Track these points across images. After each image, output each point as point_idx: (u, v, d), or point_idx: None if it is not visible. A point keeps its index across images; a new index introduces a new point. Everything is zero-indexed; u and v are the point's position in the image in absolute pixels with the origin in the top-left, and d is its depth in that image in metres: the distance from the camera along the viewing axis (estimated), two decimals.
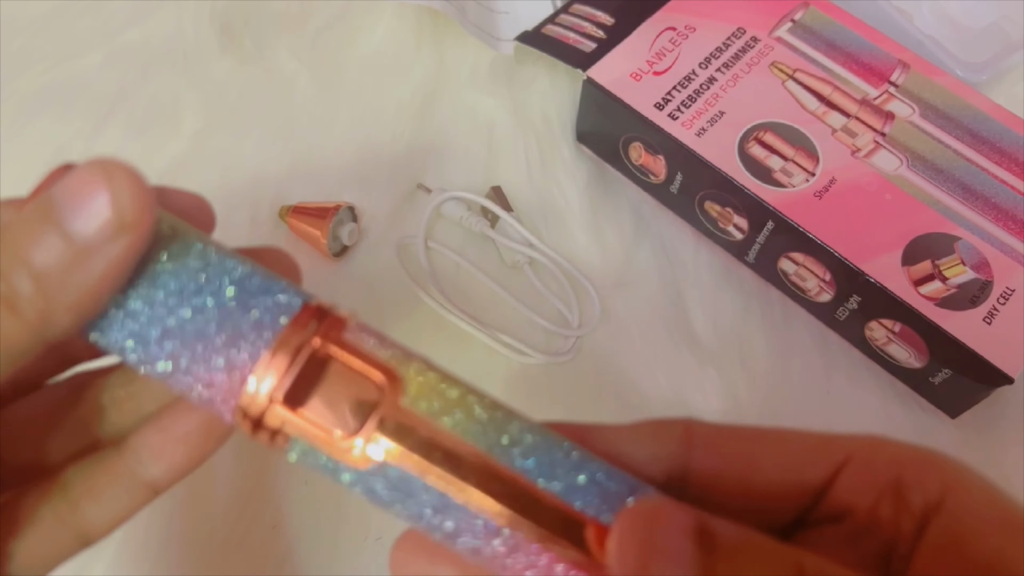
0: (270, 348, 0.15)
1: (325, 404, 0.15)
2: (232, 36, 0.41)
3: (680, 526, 0.14)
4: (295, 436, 0.16)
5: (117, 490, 0.19)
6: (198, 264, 0.16)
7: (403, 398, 0.15)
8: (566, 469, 0.15)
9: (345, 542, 0.31)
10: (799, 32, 0.37)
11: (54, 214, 0.14)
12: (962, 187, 0.33)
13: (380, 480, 0.15)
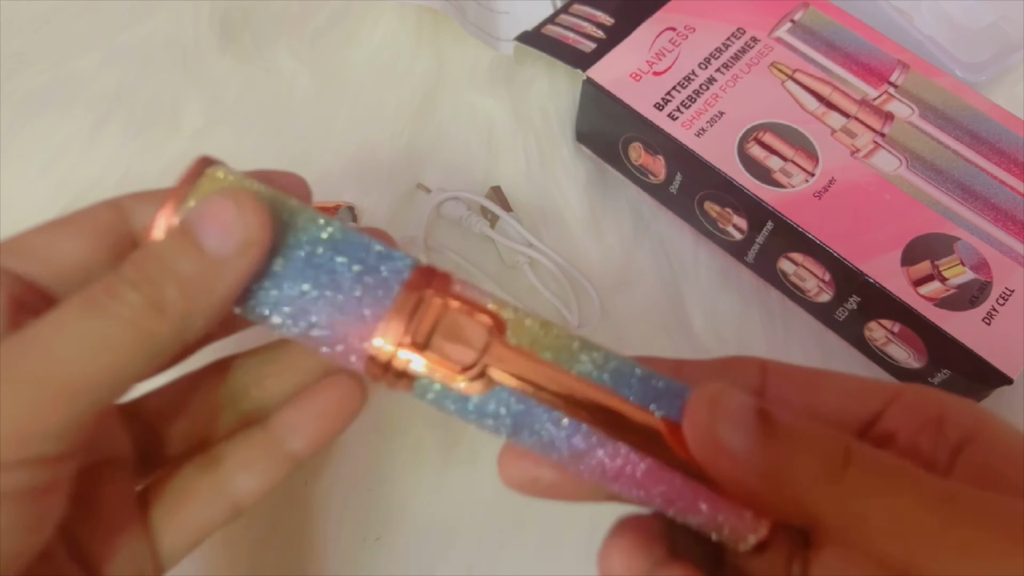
0: (394, 302, 0.18)
1: (444, 345, 0.18)
2: (232, 35, 0.41)
3: (744, 403, 0.17)
4: (421, 374, 0.18)
5: (265, 462, 0.21)
6: (325, 237, 0.19)
7: (507, 335, 0.19)
8: (642, 382, 0.19)
9: (345, 542, 0.31)
10: (799, 32, 0.37)
11: (194, 234, 0.17)
12: (961, 187, 0.33)
13: (493, 403, 0.18)
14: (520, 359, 0.18)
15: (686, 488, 0.18)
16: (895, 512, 0.15)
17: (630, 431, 0.18)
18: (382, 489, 0.31)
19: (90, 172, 0.37)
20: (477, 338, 0.18)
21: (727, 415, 0.16)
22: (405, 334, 0.18)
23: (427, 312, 0.18)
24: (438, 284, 0.19)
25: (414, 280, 0.19)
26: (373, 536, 0.31)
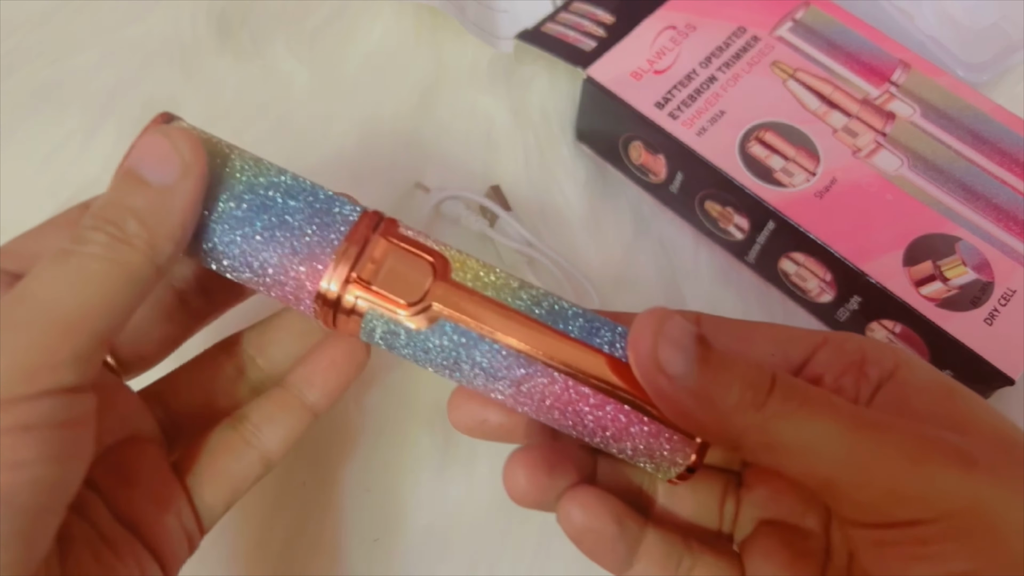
0: (341, 243, 0.19)
1: (391, 282, 0.19)
2: (230, 33, 0.41)
3: (685, 327, 0.18)
4: (368, 310, 0.19)
5: (287, 415, 0.23)
6: (275, 183, 0.20)
7: (452, 274, 0.20)
8: (584, 320, 0.20)
9: (344, 544, 0.30)
10: (800, 31, 0.36)
11: (137, 172, 0.18)
12: (963, 187, 0.33)
13: (438, 336, 0.19)
14: (462, 295, 0.19)
15: (620, 412, 0.19)
16: (811, 433, 0.17)
17: (567, 360, 0.19)
18: (381, 490, 0.31)
19: (88, 170, 0.37)
20: (421, 276, 0.20)
21: (669, 338, 0.18)
22: (351, 272, 0.19)
23: (373, 252, 0.20)
24: (385, 228, 0.20)
25: (361, 224, 0.20)
26: (372, 537, 0.31)
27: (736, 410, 0.17)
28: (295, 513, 0.31)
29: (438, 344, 0.19)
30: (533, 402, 0.20)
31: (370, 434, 0.32)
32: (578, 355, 0.19)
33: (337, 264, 0.19)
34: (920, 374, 0.19)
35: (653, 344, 0.18)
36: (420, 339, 0.19)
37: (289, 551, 0.30)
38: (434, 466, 0.32)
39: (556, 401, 0.20)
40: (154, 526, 0.21)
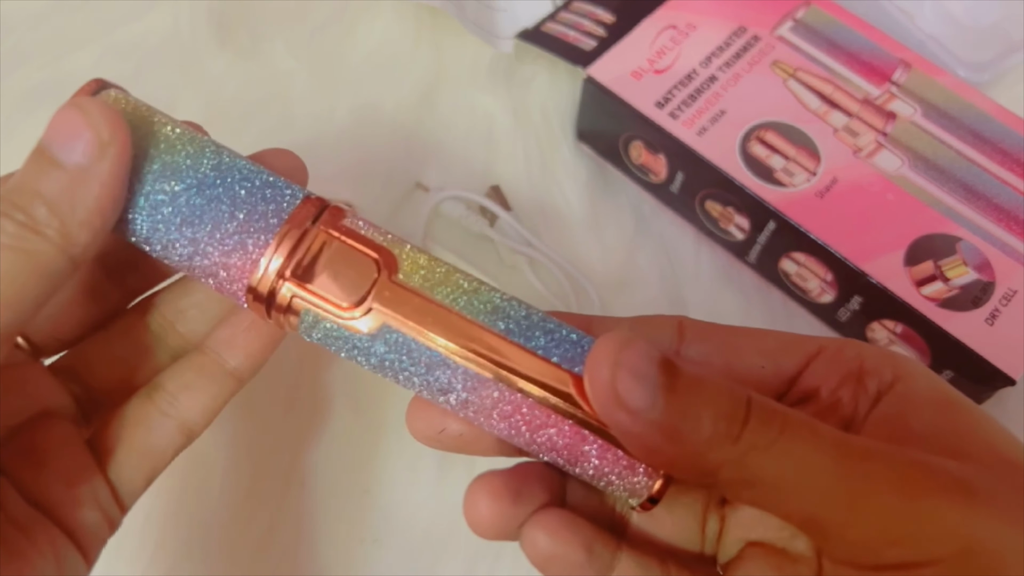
0: (277, 233, 0.18)
1: (330, 280, 0.18)
2: (229, 33, 0.40)
3: (647, 353, 0.16)
4: (304, 309, 0.18)
5: (207, 382, 0.22)
6: (212, 164, 0.18)
7: (398, 273, 0.18)
8: (544, 332, 0.18)
9: (343, 544, 0.30)
10: (801, 31, 0.36)
11: (49, 153, 0.17)
12: (964, 187, 0.33)
13: (381, 343, 0.18)
14: (409, 297, 0.18)
15: (578, 438, 0.17)
16: (793, 467, 0.15)
17: (520, 374, 0.17)
18: (380, 491, 0.31)
19: None
20: (364, 274, 0.18)
21: (628, 369, 0.16)
22: (284, 266, 0.18)
23: (312, 245, 0.18)
24: (328, 217, 0.18)
25: (301, 212, 0.18)
26: (371, 538, 0.30)
27: (709, 444, 0.15)
28: (295, 513, 0.31)
29: (380, 351, 0.18)
30: (483, 418, 0.18)
31: (369, 434, 0.32)
32: (533, 369, 0.17)
33: (271, 256, 0.18)
34: (920, 385, 0.18)
35: (611, 375, 0.16)
36: (360, 344, 0.18)
37: (289, 551, 0.30)
38: (434, 466, 0.32)
39: (507, 419, 0.18)
40: (68, 507, 0.19)
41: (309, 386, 0.33)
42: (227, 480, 0.31)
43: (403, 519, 0.31)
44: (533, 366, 0.17)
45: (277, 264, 0.18)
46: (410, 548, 0.30)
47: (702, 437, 0.15)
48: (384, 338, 0.18)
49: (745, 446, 0.15)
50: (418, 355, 0.18)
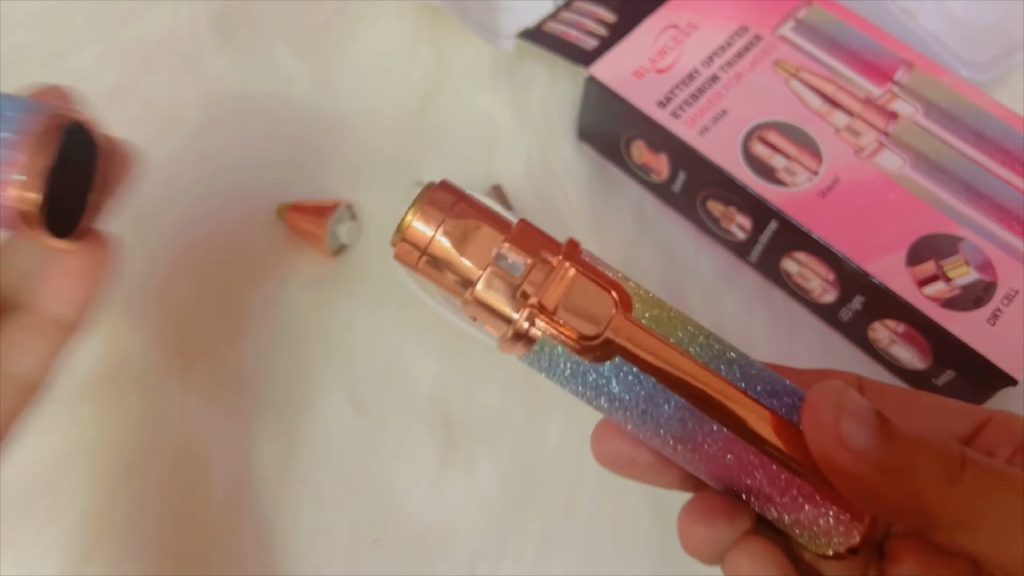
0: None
1: (574, 312, 0.18)
2: (229, 32, 0.40)
3: (864, 403, 0.17)
4: (544, 336, 0.18)
5: (34, 336, 0.21)
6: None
7: (633, 311, 0.19)
8: (762, 380, 0.19)
9: (343, 544, 0.30)
10: (802, 30, 0.36)
11: None
12: (966, 187, 0.33)
13: (612, 375, 0.18)
14: (642, 335, 0.18)
15: (791, 484, 0.18)
16: (1012, 514, 0.16)
17: (743, 423, 0.18)
18: (381, 491, 0.31)
19: None
20: (604, 308, 0.18)
21: (849, 412, 0.17)
22: (532, 300, 0.18)
23: (561, 277, 0.19)
24: (568, 250, 0.19)
25: (545, 242, 0.19)
26: (371, 538, 0.30)
27: (928, 485, 0.16)
28: (295, 513, 0.30)
29: (610, 385, 0.18)
30: (692, 457, 0.19)
31: (370, 434, 0.32)
32: (757, 419, 0.18)
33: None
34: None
35: (834, 418, 0.17)
36: (591, 375, 0.18)
37: (288, 552, 0.30)
38: (435, 466, 0.31)
39: (719, 461, 0.18)
40: None
41: (308, 386, 0.33)
42: (226, 480, 0.31)
43: (403, 519, 0.31)
44: (754, 410, 0.18)
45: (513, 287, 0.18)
46: (410, 548, 0.30)
47: (922, 479, 0.16)
48: (616, 372, 0.18)
49: (963, 489, 0.16)
50: (648, 394, 0.18)
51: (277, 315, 0.34)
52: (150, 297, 0.34)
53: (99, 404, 0.32)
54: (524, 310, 0.18)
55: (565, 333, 0.18)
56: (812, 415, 0.17)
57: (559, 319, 0.18)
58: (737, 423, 0.18)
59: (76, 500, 0.30)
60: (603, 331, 0.18)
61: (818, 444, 0.17)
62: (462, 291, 0.19)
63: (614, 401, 0.18)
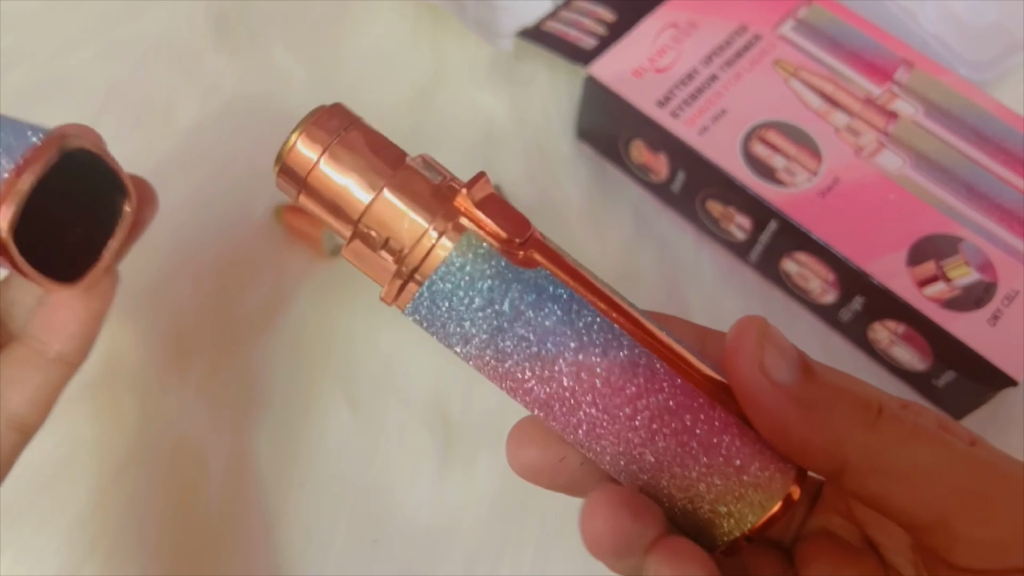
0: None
1: (496, 214, 0.17)
2: (227, 31, 0.40)
3: (787, 341, 0.17)
4: (470, 230, 0.16)
5: (32, 373, 0.21)
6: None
7: (539, 235, 0.17)
8: (672, 336, 0.17)
9: (343, 545, 0.30)
10: (802, 30, 0.36)
11: None
12: (966, 187, 0.32)
13: (532, 285, 0.16)
14: (556, 256, 0.17)
15: (712, 416, 0.17)
16: (928, 459, 0.16)
17: (667, 347, 0.17)
18: (379, 491, 0.31)
19: None
20: (521, 221, 0.17)
21: (774, 343, 0.16)
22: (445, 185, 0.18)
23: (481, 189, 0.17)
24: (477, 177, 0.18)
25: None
26: (371, 538, 0.30)
27: (845, 427, 0.16)
28: (293, 514, 0.30)
29: (530, 299, 0.16)
30: (620, 411, 0.17)
31: (369, 434, 0.32)
32: (672, 349, 0.17)
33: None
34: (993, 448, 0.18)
35: (758, 346, 0.16)
36: (513, 287, 0.16)
37: (288, 552, 0.30)
38: (434, 466, 0.31)
39: (642, 395, 0.16)
40: None
41: (307, 387, 0.33)
42: (225, 480, 0.31)
43: (402, 519, 0.31)
44: (672, 346, 0.17)
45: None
46: (409, 549, 0.30)
47: (840, 420, 0.16)
48: (537, 281, 0.16)
49: (880, 435, 0.16)
50: (571, 311, 0.16)
51: (275, 316, 0.34)
52: (147, 298, 0.34)
53: (97, 405, 0.32)
54: (444, 208, 0.16)
55: (491, 234, 0.16)
56: (736, 342, 0.17)
57: (485, 218, 0.16)
58: (660, 346, 0.17)
59: (74, 500, 0.30)
60: (526, 240, 0.17)
61: (739, 372, 0.16)
62: (352, 218, 0.17)
63: (518, 334, 0.16)
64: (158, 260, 0.35)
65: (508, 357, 0.17)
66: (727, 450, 0.17)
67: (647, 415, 0.17)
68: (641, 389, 0.17)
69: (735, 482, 0.17)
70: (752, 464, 0.17)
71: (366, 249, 0.17)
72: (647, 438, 0.17)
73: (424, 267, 0.16)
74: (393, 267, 0.17)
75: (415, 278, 0.16)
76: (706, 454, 0.17)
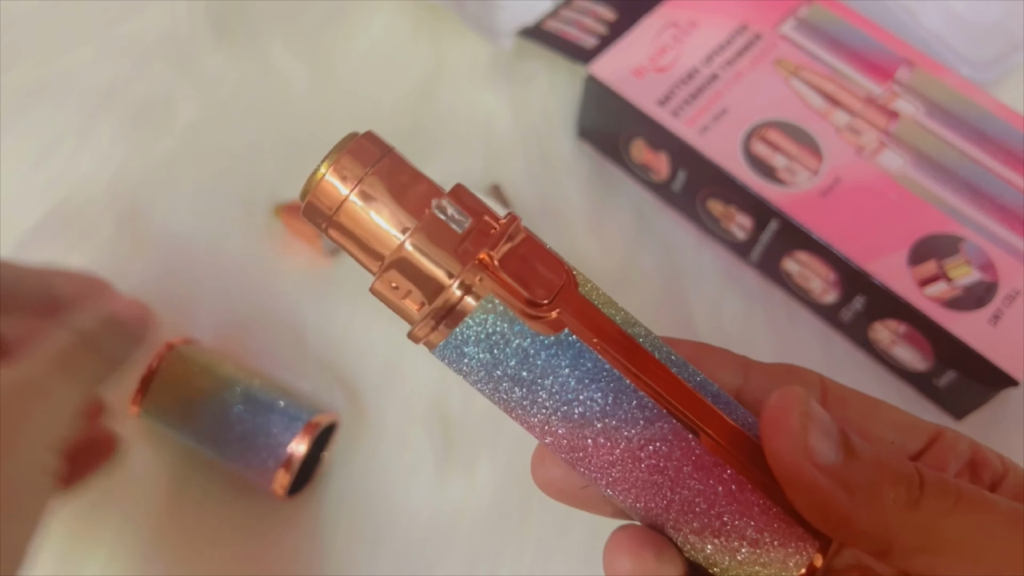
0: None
1: (520, 274, 0.16)
2: (226, 30, 0.40)
3: (828, 417, 0.16)
4: (488, 297, 0.16)
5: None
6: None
7: (579, 287, 0.16)
8: (709, 387, 0.17)
9: (343, 545, 0.30)
10: (803, 29, 0.36)
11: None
12: (967, 187, 0.32)
13: (560, 351, 0.16)
14: (592, 313, 0.16)
15: (751, 494, 0.16)
16: (976, 531, 0.15)
17: (694, 422, 0.16)
18: (380, 492, 0.31)
19: (82, 168, 0.36)
20: (552, 274, 0.16)
21: (817, 424, 0.16)
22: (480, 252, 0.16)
23: (513, 235, 0.16)
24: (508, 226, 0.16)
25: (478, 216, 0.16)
26: (371, 538, 0.30)
27: (891, 507, 0.16)
28: (294, 513, 0.30)
29: (553, 363, 0.16)
30: (639, 469, 0.16)
31: (369, 434, 0.32)
32: (706, 416, 0.16)
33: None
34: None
35: (802, 427, 0.16)
36: (534, 349, 0.16)
37: (288, 552, 0.30)
38: (434, 466, 0.31)
39: (670, 470, 0.16)
40: None
41: (307, 386, 0.33)
42: (224, 480, 0.31)
43: (403, 519, 0.31)
44: (700, 406, 0.16)
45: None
46: (410, 548, 0.30)
47: (885, 500, 0.16)
48: (564, 348, 0.16)
49: (924, 513, 0.16)
50: (593, 379, 0.16)
51: (274, 315, 0.34)
52: (145, 297, 0.34)
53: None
54: (467, 266, 0.15)
55: (514, 295, 0.16)
56: (775, 421, 0.16)
57: (507, 279, 0.16)
58: (688, 420, 0.16)
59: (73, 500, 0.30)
60: (555, 296, 0.16)
61: (780, 453, 0.16)
62: (382, 254, 0.16)
63: (539, 392, 0.16)
64: (157, 259, 0.35)
65: (531, 415, 0.16)
66: (754, 526, 0.16)
67: (669, 487, 0.16)
68: (665, 462, 0.16)
69: (757, 552, 0.16)
70: (777, 538, 0.16)
71: (390, 291, 0.16)
72: (669, 507, 0.17)
73: (447, 321, 0.16)
74: (418, 315, 0.16)
75: (439, 328, 0.16)
76: (731, 527, 0.16)
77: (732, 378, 0.18)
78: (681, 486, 0.16)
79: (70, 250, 0.34)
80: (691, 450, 0.16)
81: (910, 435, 0.19)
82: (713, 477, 0.16)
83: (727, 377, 0.18)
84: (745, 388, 0.18)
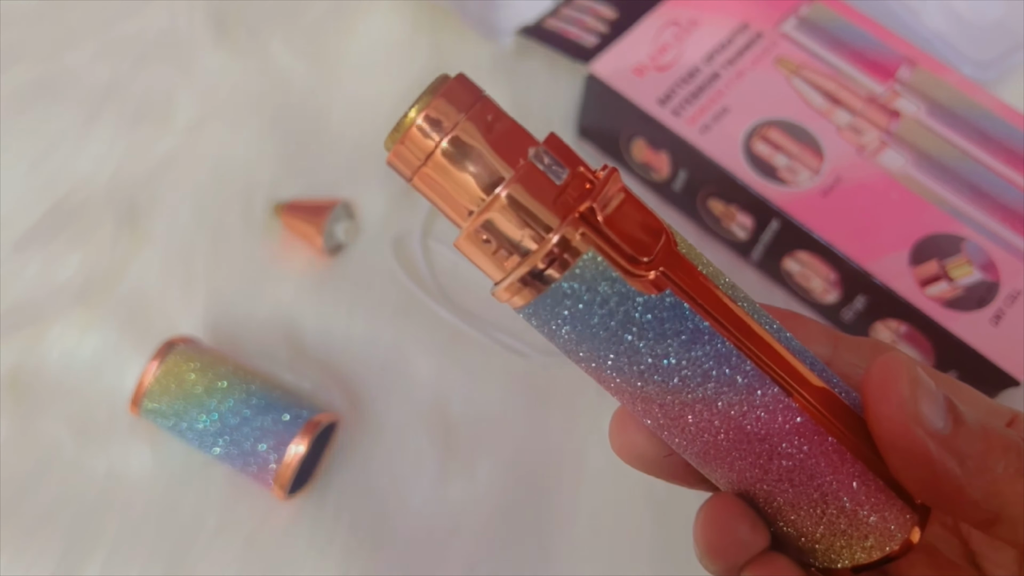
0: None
1: (622, 231, 0.15)
2: (226, 29, 0.40)
3: (935, 385, 0.15)
4: (590, 252, 0.14)
5: None
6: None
7: (678, 246, 0.15)
8: (804, 352, 0.16)
9: (344, 545, 0.30)
10: (805, 28, 0.36)
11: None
12: (969, 186, 0.32)
13: (659, 310, 0.15)
14: (692, 273, 0.15)
15: (842, 463, 0.15)
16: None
17: (794, 385, 0.15)
18: (380, 492, 0.31)
19: (82, 167, 0.36)
20: (652, 233, 0.15)
21: (926, 391, 0.15)
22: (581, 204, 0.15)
23: (609, 192, 0.15)
24: (612, 172, 0.16)
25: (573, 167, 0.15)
26: (371, 538, 0.30)
27: (1001, 478, 0.15)
28: (294, 513, 0.30)
29: (652, 325, 0.14)
30: (739, 437, 0.15)
31: (369, 434, 0.32)
32: (806, 379, 0.15)
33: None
34: None
35: (912, 392, 0.15)
36: (636, 310, 0.14)
37: (288, 552, 0.30)
38: (434, 466, 0.31)
39: (772, 438, 0.15)
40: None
41: (307, 386, 0.33)
42: (224, 480, 0.31)
43: (403, 519, 0.31)
44: (807, 375, 0.15)
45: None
46: (410, 548, 0.30)
47: (995, 470, 0.15)
48: (662, 307, 0.15)
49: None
50: (696, 339, 0.15)
51: (274, 315, 0.34)
52: (145, 296, 0.34)
53: None
54: (567, 219, 0.14)
55: (617, 251, 0.14)
56: (883, 386, 0.15)
57: (611, 234, 0.14)
58: (790, 387, 0.15)
59: (74, 499, 0.30)
60: (656, 255, 0.15)
61: (888, 419, 0.15)
62: (472, 206, 0.15)
63: (636, 355, 0.15)
64: (156, 258, 0.35)
65: (624, 379, 0.15)
66: (851, 497, 0.16)
67: (767, 455, 0.15)
68: (767, 430, 0.15)
69: (853, 523, 0.16)
70: (875, 510, 0.16)
71: (479, 246, 0.15)
72: (765, 475, 0.16)
73: (542, 279, 0.15)
74: (508, 269, 0.15)
75: (531, 285, 0.15)
76: (828, 497, 0.16)
77: (822, 349, 0.18)
78: (781, 455, 0.15)
79: (69, 249, 0.34)
80: (794, 418, 0.15)
81: (989, 418, 0.18)
82: (815, 446, 0.15)
83: (818, 348, 0.18)
84: (834, 360, 0.18)
